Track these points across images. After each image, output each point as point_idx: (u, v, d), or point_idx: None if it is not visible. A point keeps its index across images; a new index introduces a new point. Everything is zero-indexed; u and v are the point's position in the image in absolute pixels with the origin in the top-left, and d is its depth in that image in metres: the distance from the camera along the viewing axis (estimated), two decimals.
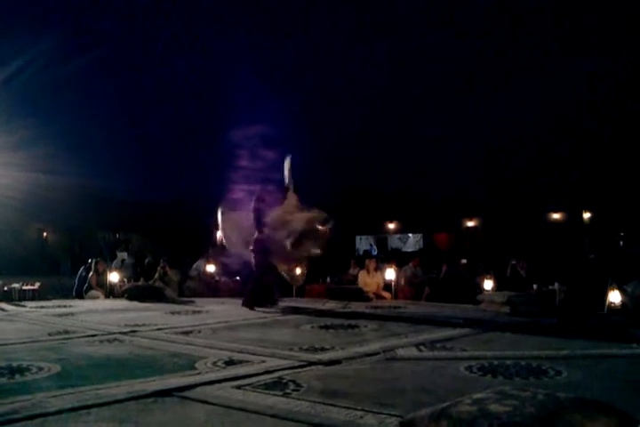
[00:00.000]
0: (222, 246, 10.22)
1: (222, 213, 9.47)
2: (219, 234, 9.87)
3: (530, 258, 11.16)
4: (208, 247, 12.83)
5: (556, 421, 2.08)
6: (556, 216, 22.69)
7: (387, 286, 10.32)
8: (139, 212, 24.68)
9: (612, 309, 6.98)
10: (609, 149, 20.01)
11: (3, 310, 8.75)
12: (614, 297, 7.05)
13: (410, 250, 23.99)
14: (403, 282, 10.80)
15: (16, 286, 12.25)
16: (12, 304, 9.75)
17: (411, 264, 11.35)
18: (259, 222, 8.90)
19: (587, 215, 21.67)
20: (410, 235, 27.39)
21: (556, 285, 8.69)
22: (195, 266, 12.45)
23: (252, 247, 8.86)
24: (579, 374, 3.94)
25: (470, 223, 24.59)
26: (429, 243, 24.67)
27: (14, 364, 4.32)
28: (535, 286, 9.34)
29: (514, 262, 10.74)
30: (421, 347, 5.05)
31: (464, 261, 11.44)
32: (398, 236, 27.82)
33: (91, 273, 11.44)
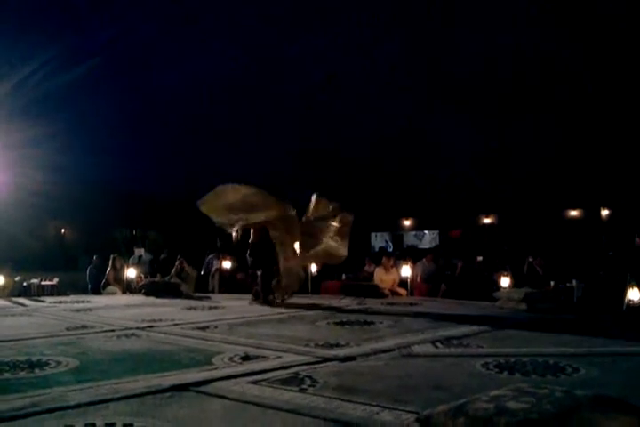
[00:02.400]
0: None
1: None
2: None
3: (547, 255, 11.07)
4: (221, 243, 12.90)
5: (574, 418, 2.07)
6: (573, 213, 22.49)
7: (402, 282, 10.31)
8: (156, 208, 24.83)
9: (631, 306, 6.91)
10: (627, 145, 19.78)
11: (22, 305, 8.87)
12: (633, 295, 6.98)
13: (426, 247, 23.91)
14: (418, 279, 10.79)
15: (35, 281, 12.43)
16: (31, 299, 9.88)
17: (424, 260, 11.32)
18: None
19: (605, 212, 21.44)
20: (426, 232, 27.30)
21: (574, 282, 8.63)
22: (207, 261, 12.56)
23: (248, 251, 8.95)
24: (596, 372, 3.91)
25: (487, 220, 24.44)
26: (445, 239, 24.57)
27: (34, 358, 4.37)
28: (552, 284, 9.27)
29: (531, 259, 10.67)
30: (437, 344, 5.04)
31: (480, 258, 11.38)
32: (414, 233, 27.74)
33: (108, 269, 11.56)
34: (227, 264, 11.92)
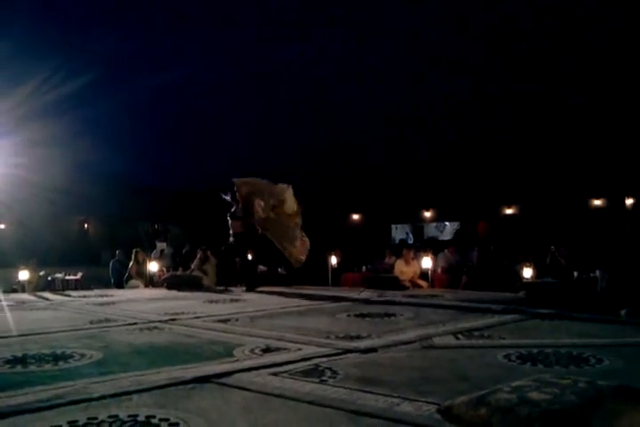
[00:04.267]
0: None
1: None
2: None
3: (570, 245, 10.95)
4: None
5: (597, 409, 2.04)
6: (597, 202, 22.19)
7: (423, 274, 10.27)
8: (178, 202, 25.02)
9: None
10: None
11: (46, 299, 9.00)
12: None
13: (447, 238, 23.78)
14: (440, 270, 10.74)
15: (59, 276, 12.64)
16: (56, 294, 10.02)
17: (446, 251, 11.26)
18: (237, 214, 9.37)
19: (629, 201, 21.12)
20: (447, 223, 27.16)
21: (598, 272, 8.51)
22: None
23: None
24: (621, 363, 3.86)
25: (509, 211, 24.22)
26: (465, 231, 24.40)
27: (58, 351, 4.43)
28: (576, 274, 9.17)
29: (553, 250, 10.56)
30: (459, 335, 5.01)
31: (492, 247, 11.32)
32: (435, 224, 27.60)
33: (131, 263, 11.68)
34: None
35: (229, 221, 9.84)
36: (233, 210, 9.81)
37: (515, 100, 22.48)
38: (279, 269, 12.19)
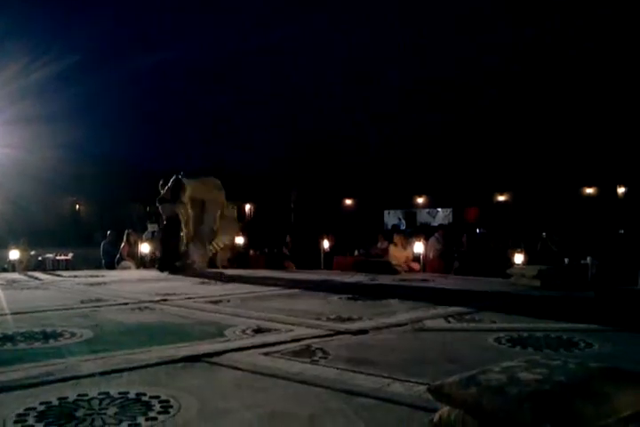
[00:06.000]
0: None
1: None
2: None
3: (562, 232, 10.99)
4: None
5: (587, 389, 2.04)
6: (589, 191, 22.28)
7: (415, 258, 10.29)
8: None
9: None
10: None
11: (37, 279, 8.97)
12: None
13: (437, 224, 23.86)
14: (431, 255, 10.76)
15: (50, 256, 12.57)
16: (46, 273, 9.98)
17: (437, 234, 11.27)
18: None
19: (621, 190, 21.21)
20: (439, 209, 27.21)
21: (589, 259, 8.55)
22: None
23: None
24: (610, 347, 3.89)
25: (501, 198, 24.29)
26: (459, 217, 24.48)
27: (48, 329, 4.42)
28: (567, 260, 9.21)
29: (544, 236, 10.60)
30: (450, 319, 5.03)
31: (478, 230, 11.36)
32: (427, 210, 27.66)
33: (122, 244, 11.62)
34: (239, 240, 11.95)
35: (159, 207, 10.30)
36: (162, 195, 10.24)
37: (507, 87, 22.43)
38: (283, 250, 12.18)
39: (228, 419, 2.55)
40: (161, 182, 10.41)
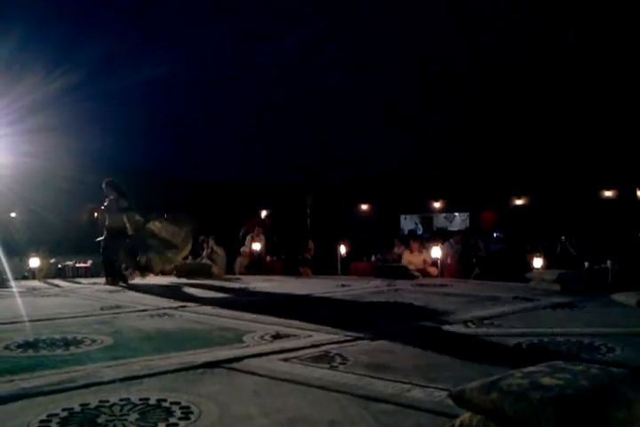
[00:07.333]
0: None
1: None
2: None
3: (581, 236, 10.88)
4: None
5: (610, 394, 2.02)
6: (608, 194, 22.02)
7: (433, 264, 10.25)
8: (189, 191, 25.06)
9: None
10: None
11: (57, 286, 9.06)
12: None
13: (456, 229, 23.72)
14: (449, 260, 10.70)
15: (69, 264, 12.69)
16: (66, 281, 10.08)
17: (452, 240, 11.21)
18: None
19: None
20: (456, 214, 27.05)
21: (609, 263, 8.44)
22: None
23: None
24: (632, 352, 3.84)
25: (519, 202, 24.10)
26: (476, 222, 24.33)
27: (69, 336, 4.45)
28: (587, 264, 9.10)
29: (563, 239, 10.50)
30: (469, 324, 5.00)
31: (495, 235, 11.27)
32: (444, 215, 27.50)
33: None
34: (256, 246, 11.98)
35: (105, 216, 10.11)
36: (106, 204, 10.08)
37: (526, 91, 22.30)
38: (305, 255, 12.18)
39: (248, 425, 2.55)
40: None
